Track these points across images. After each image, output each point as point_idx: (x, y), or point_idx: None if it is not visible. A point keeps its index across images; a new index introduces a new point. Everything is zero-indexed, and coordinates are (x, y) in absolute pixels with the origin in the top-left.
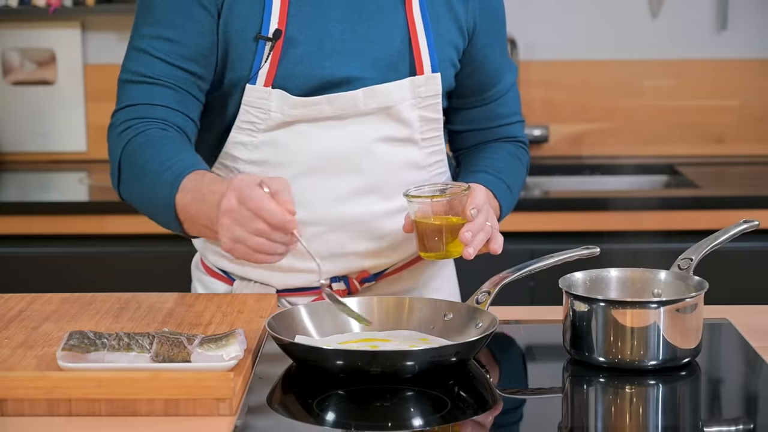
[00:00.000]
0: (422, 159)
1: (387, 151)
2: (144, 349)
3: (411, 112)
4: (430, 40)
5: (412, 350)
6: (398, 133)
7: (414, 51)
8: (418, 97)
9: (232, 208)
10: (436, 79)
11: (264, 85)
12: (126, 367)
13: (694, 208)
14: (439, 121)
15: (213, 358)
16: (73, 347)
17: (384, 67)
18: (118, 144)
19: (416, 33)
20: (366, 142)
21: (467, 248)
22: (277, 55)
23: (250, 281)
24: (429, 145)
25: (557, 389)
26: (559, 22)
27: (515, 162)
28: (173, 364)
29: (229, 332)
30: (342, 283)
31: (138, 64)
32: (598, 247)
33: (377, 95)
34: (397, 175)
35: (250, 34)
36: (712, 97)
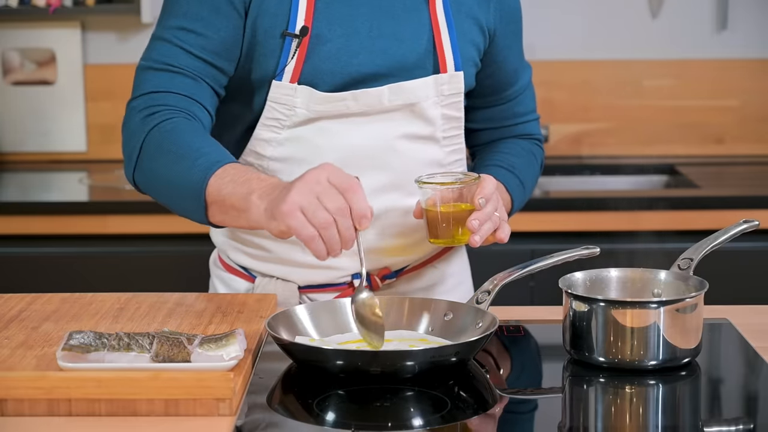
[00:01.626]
0: (443, 157)
1: (410, 148)
2: (144, 349)
3: (434, 109)
4: (453, 39)
5: (412, 350)
6: (421, 130)
7: (438, 49)
8: (441, 95)
9: (319, 180)
10: (459, 77)
11: (290, 81)
12: (126, 367)
13: (694, 208)
14: (461, 119)
15: (213, 358)
16: (73, 347)
17: (410, 65)
18: (143, 127)
19: (440, 32)
20: (390, 139)
21: (474, 236)
22: (303, 52)
23: (272, 278)
24: (450, 144)
25: (557, 389)
26: (559, 22)
27: (530, 158)
28: (173, 364)
29: (229, 332)
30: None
31: (160, 53)
32: (598, 247)
33: (402, 92)
34: (419, 172)
35: (277, 31)
36: (712, 97)
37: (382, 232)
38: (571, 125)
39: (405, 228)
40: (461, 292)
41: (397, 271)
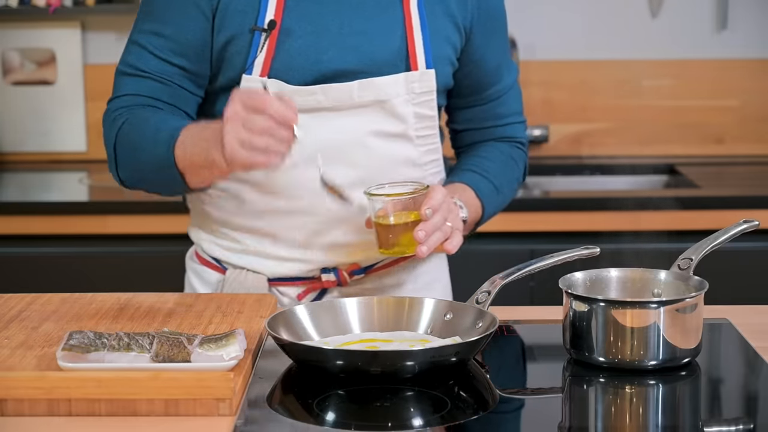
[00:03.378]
0: (417, 156)
1: (382, 145)
2: (144, 349)
3: (405, 107)
4: (426, 37)
5: (412, 350)
6: (393, 127)
7: (409, 47)
8: (412, 93)
9: (236, 112)
10: (431, 75)
11: (260, 75)
12: (126, 367)
13: (694, 208)
14: (434, 119)
15: (213, 358)
16: (73, 347)
17: (380, 62)
18: (112, 129)
19: (412, 29)
20: (361, 135)
21: (420, 246)
22: (272, 47)
23: (242, 270)
24: (424, 143)
25: (557, 389)
26: (558, 22)
27: (508, 162)
28: (173, 364)
29: (229, 332)
30: (332, 275)
31: (133, 56)
32: (598, 247)
33: (372, 88)
34: (392, 170)
35: (247, 27)
36: (712, 97)
37: (351, 228)
38: (570, 125)
39: None
40: (435, 290)
41: (366, 267)
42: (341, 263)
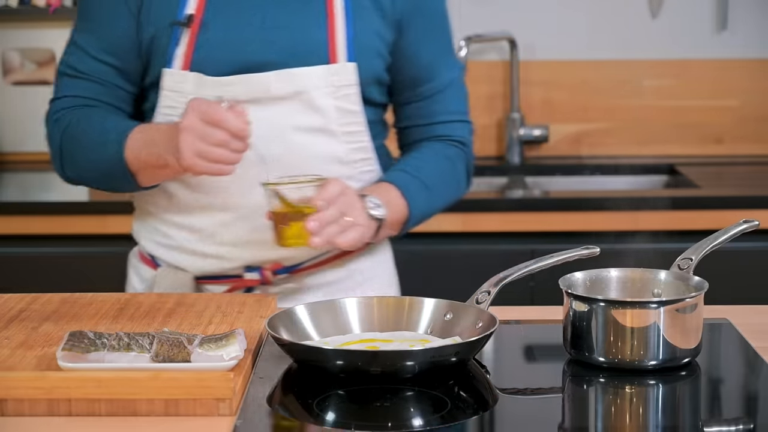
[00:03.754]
0: (344, 154)
1: (305, 141)
2: (144, 349)
3: (325, 100)
4: (349, 30)
5: (412, 350)
6: (313, 121)
7: (330, 40)
8: (332, 86)
9: (193, 123)
10: (351, 68)
11: (181, 68)
12: (126, 367)
13: (694, 208)
14: (358, 114)
15: (213, 358)
16: (74, 347)
17: (302, 55)
18: (56, 129)
19: (334, 21)
20: (282, 130)
21: (313, 238)
22: (192, 40)
23: (171, 267)
24: (351, 140)
25: (557, 389)
26: (559, 22)
27: (442, 162)
28: (173, 364)
29: (229, 332)
30: (255, 273)
31: (72, 57)
32: (597, 248)
33: (290, 79)
34: (317, 167)
35: (168, 22)
36: (712, 97)
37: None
38: (571, 125)
39: None
40: (372, 289)
41: (291, 267)
42: (264, 262)
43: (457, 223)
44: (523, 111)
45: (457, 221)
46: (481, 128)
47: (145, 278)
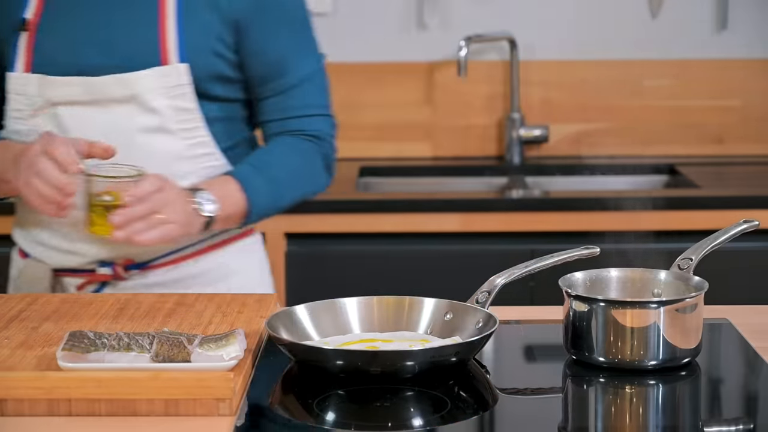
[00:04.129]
0: (184, 150)
1: (146, 141)
2: (144, 349)
3: (160, 101)
4: (180, 30)
5: (412, 350)
6: (150, 122)
7: (161, 41)
8: (165, 87)
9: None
10: (183, 69)
11: (24, 71)
12: (126, 367)
13: (694, 208)
14: (194, 111)
15: (213, 358)
16: (74, 347)
17: (133, 56)
18: None
19: (165, 22)
20: (121, 130)
21: (116, 231)
22: (31, 44)
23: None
24: (189, 137)
25: (557, 389)
26: (559, 22)
27: (291, 155)
28: (173, 364)
29: (229, 332)
30: (108, 269)
31: None
32: (598, 248)
33: (125, 83)
34: (157, 164)
35: (11, 28)
36: (712, 97)
37: None
38: (570, 125)
39: None
40: (236, 285)
41: (142, 263)
42: (115, 257)
43: (457, 223)
44: (523, 111)
45: (457, 221)
46: (481, 128)
47: (18, 269)
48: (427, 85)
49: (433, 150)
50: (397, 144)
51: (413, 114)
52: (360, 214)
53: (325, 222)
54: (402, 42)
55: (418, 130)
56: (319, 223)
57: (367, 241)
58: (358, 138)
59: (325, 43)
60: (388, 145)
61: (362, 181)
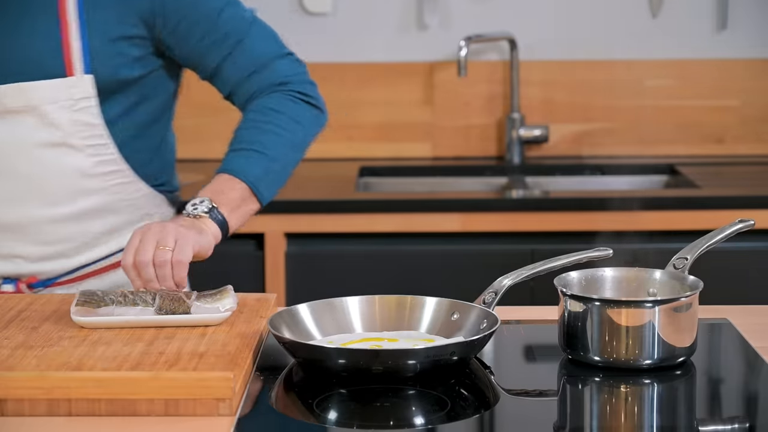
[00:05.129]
0: (89, 167)
1: (44, 155)
2: (148, 303)
3: (62, 113)
4: (84, 41)
5: (413, 349)
6: (52, 137)
7: (65, 51)
8: (70, 99)
9: None
10: (88, 80)
11: None
12: (134, 320)
13: (694, 208)
14: (100, 127)
15: (210, 310)
16: (86, 303)
17: (34, 66)
18: None
19: (68, 31)
20: (19, 144)
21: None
22: None
23: None
24: (95, 153)
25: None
26: (559, 22)
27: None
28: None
29: (222, 288)
30: (11, 285)
31: None
32: (610, 249)
33: (24, 93)
34: (59, 180)
35: None
36: (713, 97)
37: (23, 239)
38: (571, 125)
39: (50, 237)
40: None
41: (46, 280)
42: (20, 274)
43: (457, 223)
44: (523, 111)
45: (457, 221)
46: (481, 128)
47: None
48: (427, 85)
49: (433, 150)
50: (397, 144)
51: (413, 114)
52: (360, 214)
53: (325, 222)
54: (402, 42)
55: (418, 130)
56: (319, 223)
57: (367, 241)
58: (358, 138)
59: (325, 43)
60: (388, 145)
61: (362, 181)
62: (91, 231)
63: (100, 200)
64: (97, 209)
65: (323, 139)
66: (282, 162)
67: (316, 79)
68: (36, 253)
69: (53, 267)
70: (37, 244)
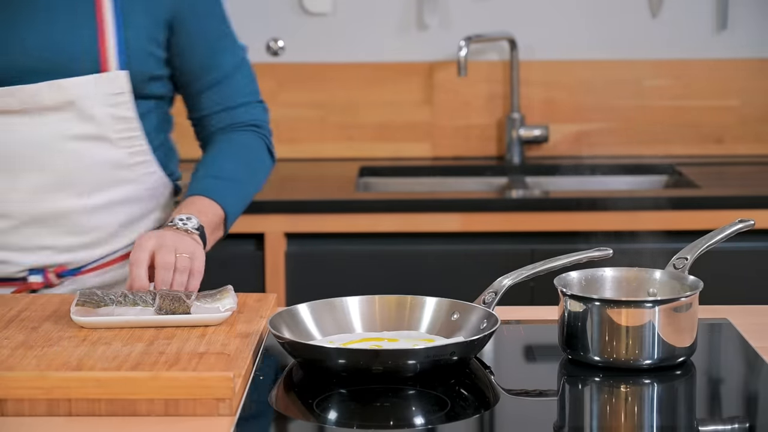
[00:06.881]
0: (122, 158)
1: (79, 148)
2: (148, 303)
3: (99, 109)
4: (120, 36)
5: (413, 349)
6: (88, 130)
7: (101, 47)
8: (106, 94)
9: None
10: (123, 76)
11: None
12: (134, 320)
13: (694, 208)
14: (133, 120)
15: (210, 310)
16: (86, 303)
17: (69, 62)
18: None
19: (104, 28)
20: (56, 139)
21: None
22: None
23: None
24: (129, 145)
25: (554, 389)
26: (558, 22)
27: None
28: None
29: (222, 288)
30: (39, 276)
31: None
32: (610, 249)
33: (62, 90)
34: (91, 172)
35: None
36: (712, 97)
37: (55, 230)
38: (571, 125)
39: (80, 227)
40: None
41: (74, 269)
42: (48, 265)
43: (457, 223)
44: (523, 111)
45: (457, 221)
46: (481, 128)
47: None
48: (427, 85)
49: (433, 150)
50: (397, 144)
51: (413, 114)
52: (360, 214)
53: (325, 222)
54: (402, 42)
55: (418, 130)
56: (319, 223)
57: (367, 241)
58: (358, 138)
59: (325, 43)
60: (388, 145)
61: (362, 181)
62: (118, 220)
63: (129, 190)
64: (124, 199)
65: (323, 139)
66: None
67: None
68: (67, 244)
69: (83, 256)
70: (69, 235)
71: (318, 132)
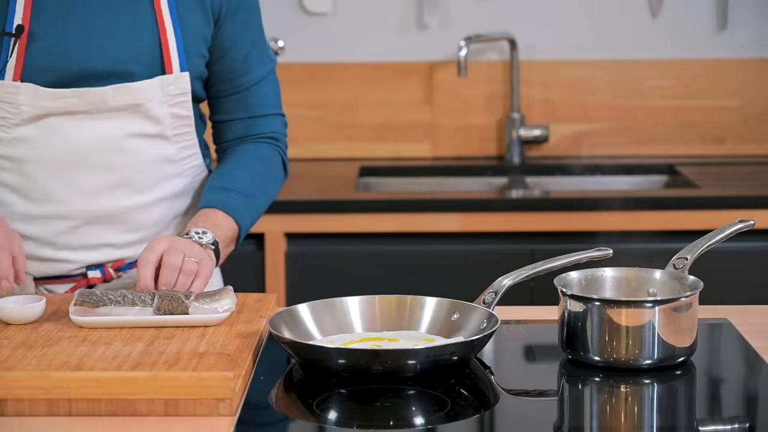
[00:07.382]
0: (174, 153)
1: (138, 146)
2: (146, 304)
3: (161, 109)
4: (178, 38)
5: (413, 349)
6: (149, 129)
7: (164, 49)
8: (167, 95)
9: None
10: (185, 77)
11: (12, 79)
12: (132, 320)
13: (693, 208)
14: (190, 118)
15: (209, 311)
16: (84, 302)
17: (131, 63)
18: None
19: (165, 30)
20: (117, 138)
21: None
22: (22, 50)
23: None
24: (181, 140)
25: (555, 390)
26: (559, 22)
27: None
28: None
29: (221, 288)
30: (98, 272)
31: None
32: (610, 249)
33: (127, 93)
34: (148, 169)
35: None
36: (712, 97)
37: (114, 228)
38: (571, 125)
39: (138, 223)
40: None
41: (132, 262)
42: (106, 260)
43: (457, 223)
44: (523, 111)
45: (457, 221)
46: (481, 128)
47: None
48: (427, 85)
49: (433, 150)
50: (397, 144)
51: (413, 114)
52: (360, 214)
53: (325, 222)
54: (402, 42)
55: (418, 130)
56: (319, 223)
57: (367, 241)
58: (358, 138)
59: (325, 43)
60: (388, 145)
61: (362, 181)
62: (170, 214)
63: (179, 184)
64: (175, 193)
65: (323, 139)
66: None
67: (316, 79)
68: (125, 240)
69: (139, 251)
70: (126, 232)
71: (318, 132)
